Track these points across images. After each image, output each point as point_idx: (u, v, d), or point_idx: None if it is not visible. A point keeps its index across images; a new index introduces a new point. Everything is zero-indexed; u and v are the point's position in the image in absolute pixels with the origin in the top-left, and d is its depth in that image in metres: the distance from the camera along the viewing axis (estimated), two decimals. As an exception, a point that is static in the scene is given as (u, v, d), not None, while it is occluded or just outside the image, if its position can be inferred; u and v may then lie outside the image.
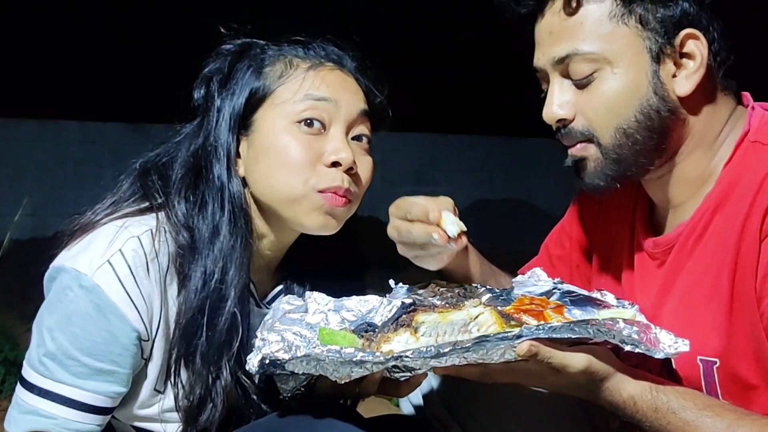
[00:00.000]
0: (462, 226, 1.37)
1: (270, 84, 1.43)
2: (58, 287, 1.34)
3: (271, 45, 1.48)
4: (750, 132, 1.37)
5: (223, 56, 1.48)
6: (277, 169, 1.41)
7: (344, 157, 1.41)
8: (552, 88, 1.39)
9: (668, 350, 1.22)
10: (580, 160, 1.39)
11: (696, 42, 1.34)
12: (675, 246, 1.42)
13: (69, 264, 1.34)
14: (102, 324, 1.31)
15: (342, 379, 1.18)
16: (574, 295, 1.47)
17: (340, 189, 1.41)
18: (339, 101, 1.43)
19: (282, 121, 1.41)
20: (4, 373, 3.38)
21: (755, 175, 1.30)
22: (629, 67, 1.34)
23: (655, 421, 1.23)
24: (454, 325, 1.30)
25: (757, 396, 1.32)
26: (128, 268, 1.32)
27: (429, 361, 1.17)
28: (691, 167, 1.40)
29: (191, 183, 1.42)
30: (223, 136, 1.43)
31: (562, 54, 1.36)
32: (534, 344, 1.17)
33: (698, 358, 1.35)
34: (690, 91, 1.35)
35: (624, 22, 1.34)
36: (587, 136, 1.37)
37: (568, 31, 1.35)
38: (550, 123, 1.40)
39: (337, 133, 1.43)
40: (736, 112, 1.41)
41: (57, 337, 1.31)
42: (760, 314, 1.28)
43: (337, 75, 1.46)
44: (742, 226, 1.30)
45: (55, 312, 1.33)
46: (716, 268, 1.34)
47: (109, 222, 1.39)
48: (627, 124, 1.35)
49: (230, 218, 1.40)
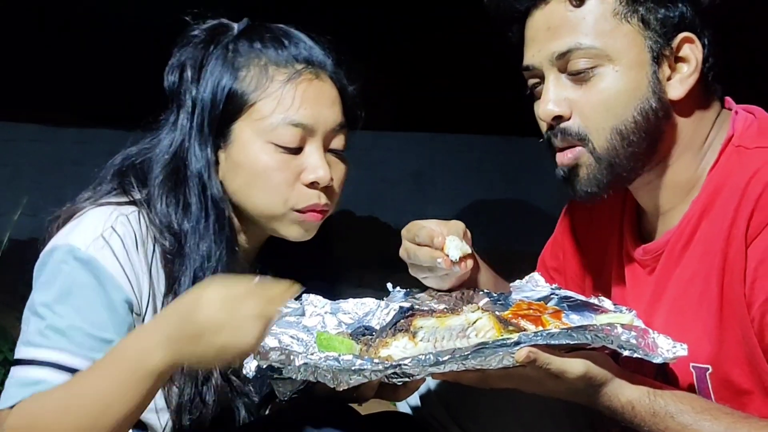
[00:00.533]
0: (466, 250, 1.38)
1: (246, 93, 1.40)
2: (52, 265, 1.33)
3: (242, 38, 1.44)
4: (734, 136, 1.37)
5: (194, 43, 1.45)
6: (256, 189, 1.41)
7: (322, 175, 1.41)
8: (548, 84, 1.37)
9: (666, 355, 1.22)
10: (572, 169, 1.38)
11: (691, 46, 1.34)
12: (664, 252, 1.42)
13: (61, 242, 1.34)
14: (101, 294, 1.31)
15: (340, 387, 1.18)
16: (571, 300, 1.47)
17: (318, 206, 1.43)
18: (316, 122, 1.41)
19: (259, 139, 1.40)
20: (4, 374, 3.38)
21: (739, 180, 1.30)
22: (630, 65, 1.33)
23: (654, 426, 1.23)
24: (453, 330, 1.30)
25: (750, 401, 1.32)
26: (121, 242, 1.34)
27: (427, 368, 1.17)
28: (679, 172, 1.40)
29: (172, 186, 1.42)
30: (200, 141, 1.41)
31: (563, 48, 1.34)
32: (532, 350, 1.17)
33: (691, 365, 1.35)
34: (683, 95, 1.35)
35: (627, 20, 1.33)
36: (581, 136, 1.36)
37: (571, 26, 1.34)
38: (545, 120, 1.39)
39: (314, 150, 1.42)
40: (721, 116, 1.41)
41: (58, 310, 1.30)
42: (750, 319, 1.28)
43: (315, 87, 1.43)
44: (728, 231, 1.30)
45: (51, 288, 1.32)
46: (704, 274, 1.34)
47: (95, 206, 1.39)
48: (624, 125, 1.34)
49: (215, 222, 1.41)
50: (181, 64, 1.45)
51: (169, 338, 1.17)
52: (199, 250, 1.39)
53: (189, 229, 1.40)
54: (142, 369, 1.18)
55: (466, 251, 1.39)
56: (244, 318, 1.14)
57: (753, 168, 1.30)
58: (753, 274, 1.27)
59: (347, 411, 1.37)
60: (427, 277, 1.46)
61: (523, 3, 1.39)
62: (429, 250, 1.39)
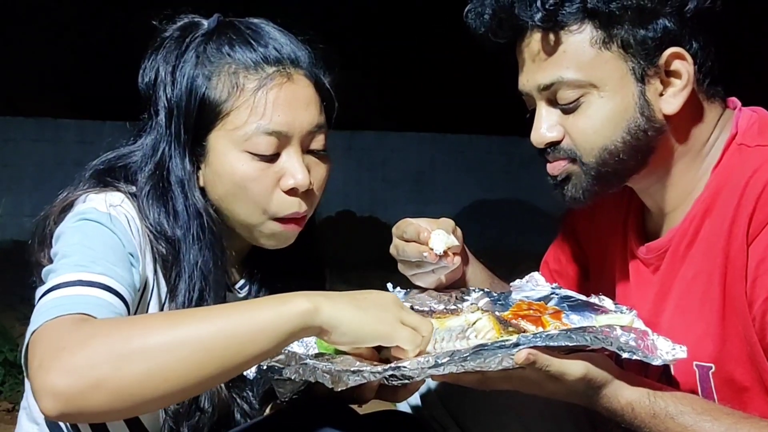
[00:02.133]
0: (452, 244, 1.39)
1: (219, 102, 1.38)
2: (69, 224, 1.30)
3: (211, 41, 1.41)
4: (737, 135, 1.38)
5: (165, 45, 1.43)
6: (234, 199, 1.40)
7: (300, 180, 1.39)
8: (539, 112, 1.40)
9: (666, 357, 1.22)
10: (562, 179, 1.41)
11: (681, 61, 1.34)
12: (668, 251, 1.42)
13: (73, 212, 1.33)
14: (119, 242, 1.29)
15: (339, 387, 1.18)
16: (572, 300, 1.47)
17: (298, 214, 1.41)
18: (291, 127, 1.39)
19: (234, 149, 1.38)
20: (4, 374, 3.39)
21: (740, 179, 1.31)
22: (615, 90, 1.34)
23: (654, 427, 1.23)
24: (452, 331, 1.30)
25: (750, 398, 1.32)
26: (126, 217, 1.34)
27: (426, 370, 1.17)
28: (679, 175, 1.41)
29: (159, 195, 1.40)
30: (179, 150, 1.40)
31: (546, 82, 1.36)
32: (532, 352, 1.17)
33: (694, 364, 1.35)
34: (678, 109, 1.35)
35: (606, 48, 1.33)
36: (571, 155, 1.38)
37: (551, 60, 1.35)
38: (539, 146, 1.41)
39: (291, 154, 1.40)
40: (724, 116, 1.41)
41: (83, 248, 1.25)
42: (752, 318, 1.29)
43: (288, 91, 1.39)
44: (729, 230, 1.30)
45: (73, 236, 1.28)
46: (707, 272, 1.35)
47: (84, 194, 1.37)
48: (613, 145, 1.35)
49: (199, 229, 1.39)
50: (154, 68, 1.43)
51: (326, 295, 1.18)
52: (191, 257, 1.38)
53: (181, 236, 1.39)
54: (287, 309, 1.13)
55: (452, 245, 1.39)
56: (401, 319, 1.20)
57: (753, 166, 1.30)
58: (754, 272, 1.28)
59: (347, 411, 1.37)
60: (416, 274, 1.46)
61: (503, 38, 1.39)
62: (415, 245, 1.40)
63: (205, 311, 1.20)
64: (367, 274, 4.87)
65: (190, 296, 1.38)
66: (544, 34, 1.35)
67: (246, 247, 1.52)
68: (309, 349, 1.32)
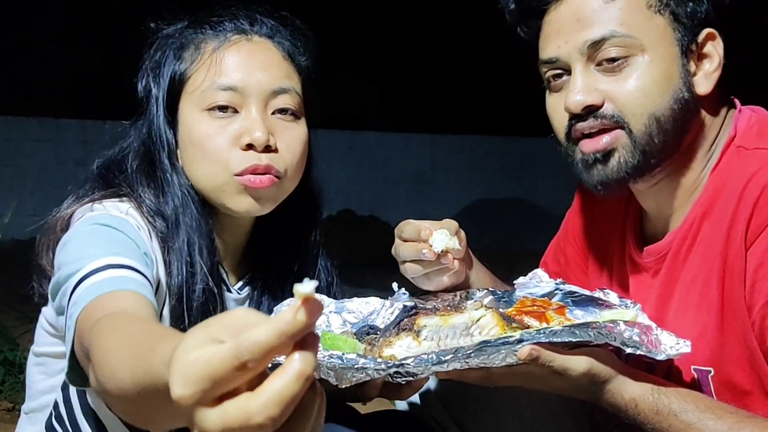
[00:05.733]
0: (452, 245, 1.38)
1: (184, 70, 1.43)
2: (81, 228, 1.31)
3: (187, 27, 1.47)
4: (736, 137, 1.37)
5: (155, 45, 1.48)
6: (198, 160, 1.41)
7: (258, 137, 1.38)
8: (575, 76, 1.36)
9: (669, 351, 1.22)
10: (605, 154, 1.36)
11: (714, 43, 1.36)
12: (668, 254, 1.42)
13: (83, 218, 1.33)
14: (133, 243, 1.30)
15: (343, 384, 1.18)
16: (576, 295, 1.46)
17: (258, 168, 1.39)
18: (246, 85, 1.40)
19: (195, 110, 1.41)
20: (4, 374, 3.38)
21: (738, 182, 1.30)
22: (663, 57, 1.34)
23: (657, 424, 1.23)
24: (456, 328, 1.29)
25: (751, 402, 1.32)
26: (136, 224, 1.35)
27: (430, 367, 1.17)
28: (685, 173, 1.40)
29: (148, 172, 1.43)
30: (161, 126, 1.44)
31: (597, 37, 1.34)
32: (535, 348, 1.17)
33: (692, 368, 1.35)
34: (709, 91, 1.36)
35: (660, 12, 1.34)
36: (618, 120, 1.34)
37: (604, 16, 1.34)
38: (575, 111, 1.36)
39: (249, 112, 1.40)
40: (728, 117, 1.41)
41: (102, 240, 1.27)
42: (751, 322, 1.28)
43: (244, 50, 1.43)
44: (727, 233, 1.30)
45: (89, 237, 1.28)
46: (705, 276, 1.34)
47: (91, 203, 1.38)
48: (662, 112, 1.33)
49: (185, 203, 1.41)
50: (145, 69, 1.48)
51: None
52: (182, 234, 1.39)
53: (168, 209, 1.40)
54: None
55: (453, 247, 1.38)
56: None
57: (751, 170, 1.30)
58: (753, 276, 1.27)
59: (348, 410, 1.37)
60: (417, 276, 1.44)
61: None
62: (414, 243, 1.40)
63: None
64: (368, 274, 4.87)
65: (181, 268, 1.37)
66: None
67: (240, 244, 1.52)
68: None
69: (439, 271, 1.43)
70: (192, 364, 0.66)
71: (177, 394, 0.67)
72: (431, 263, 1.39)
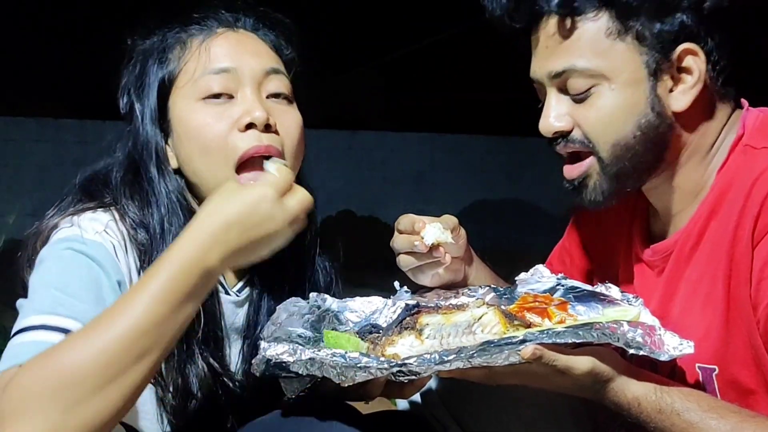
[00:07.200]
0: (444, 239, 1.39)
1: (173, 69, 1.43)
2: (53, 250, 1.29)
3: (170, 32, 1.47)
4: (744, 135, 1.37)
5: (133, 60, 1.48)
6: (198, 152, 1.39)
7: (258, 115, 1.37)
8: (549, 100, 1.39)
9: (673, 352, 1.22)
10: (580, 181, 1.40)
11: (694, 57, 1.33)
12: (673, 253, 1.42)
13: (59, 236, 1.31)
14: (101, 275, 1.28)
15: (346, 383, 1.18)
16: (578, 290, 1.46)
17: (260, 147, 1.37)
18: (239, 66, 1.40)
19: (189, 102, 1.40)
20: (3, 374, 3.37)
21: (745, 181, 1.30)
22: (627, 83, 1.33)
23: (660, 423, 1.23)
24: (458, 326, 1.29)
25: (755, 401, 1.32)
26: (112, 244, 1.33)
27: (433, 367, 1.17)
28: (687, 175, 1.40)
29: (133, 183, 1.42)
30: (148, 133, 1.42)
31: (558, 69, 1.35)
32: (538, 348, 1.17)
33: (697, 366, 1.35)
34: (686, 107, 1.35)
35: (621, 39, 1.33)
36: (587, 146, 1.37)
37: (565, 47, 1.35)
38: (547, 135, 1.40)
39: (245, 95, 1.40)
40: (733, 117, 1.41)
41: (58, 284, 1.24)
42: (756, 321, 1.28)
43: (232, 38, 1.44)
44: (733, 232, 1.30)
45: (52, 267, 1.27)
46: (711, 275, 1.34)
47: (71, 216, 1.36)
48: (625, 141, 1.35)
49: (172, 211, 1.39)
50: (125, 86, 1.47)
51: (217, 238, 1.15)
52: (163, 241, 1.37)
53: (153, 221, 1.39)
54: (198, 269, 1.13)
55: (444, 240, 1.39)
56: (288, 220, 1.19)
57: (759, 168, 1.30)
58: (759, 275, 1.27)
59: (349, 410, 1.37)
60: (412, 269, 1.45)
61: (519, 21, 1.39)
62: (407, 235, 1.41)
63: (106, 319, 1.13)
64: (367, 274, 4.88)
65: None
66: (560, 19, 1.34)
67: None
68: (316, 345, 1.32)
69: (432, 265, 1.44)
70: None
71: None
72: (423, 256, 1.41)
